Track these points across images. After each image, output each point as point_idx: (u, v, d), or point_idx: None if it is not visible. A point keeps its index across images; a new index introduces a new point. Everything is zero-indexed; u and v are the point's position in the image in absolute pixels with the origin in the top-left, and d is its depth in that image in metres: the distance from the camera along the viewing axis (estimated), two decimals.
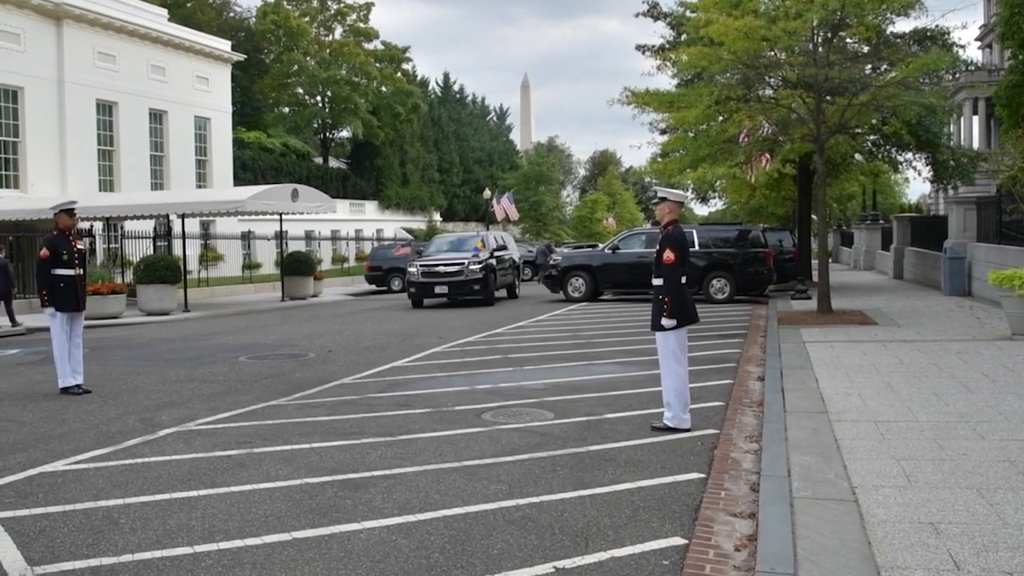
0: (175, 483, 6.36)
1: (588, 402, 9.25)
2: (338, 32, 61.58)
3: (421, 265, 24.25)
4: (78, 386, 10.55)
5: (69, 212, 10.88)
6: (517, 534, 5.16)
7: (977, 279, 20.06)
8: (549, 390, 10.08)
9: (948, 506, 5.16)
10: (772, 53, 17.44)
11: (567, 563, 4.70)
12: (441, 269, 23.83)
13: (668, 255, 7.73)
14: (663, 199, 8.06)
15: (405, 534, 5.18)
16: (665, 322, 7.72)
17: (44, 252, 10.69)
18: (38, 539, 5.21)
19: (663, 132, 26.03)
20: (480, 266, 23.80)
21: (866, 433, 7.04)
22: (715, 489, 5.97)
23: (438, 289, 23.58)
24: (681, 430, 7.67)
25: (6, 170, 29.47)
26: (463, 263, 23.84)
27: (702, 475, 6.33)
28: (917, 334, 13.57)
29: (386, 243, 44.04)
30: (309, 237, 43.42)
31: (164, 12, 39.34)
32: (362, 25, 61.57)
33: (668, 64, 22.35)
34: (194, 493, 6.09)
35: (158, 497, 6.01)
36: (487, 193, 57.32)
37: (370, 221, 56.68)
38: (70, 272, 10.73)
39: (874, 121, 19.85)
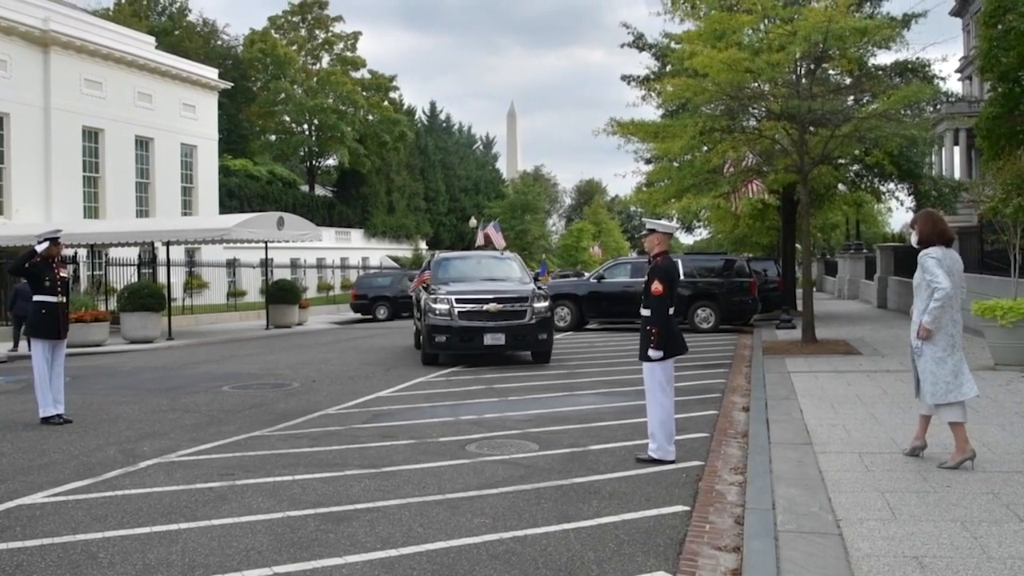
0: (156, 516, 6.28)
1: (572, 433, 9.23)
2: (325, 61, 61.95)
3: (458, 299, 15.64)
4: (59, 416, 10.44)
5: (54, 241, 10.82)
6: (501, 568, 5.12)
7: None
8: (533, 421, 10.05)
9: (932, 539, 5.16)
10: (756, 84, 17.61)
11: None
12: (493, 307, 15.48)
13: (656, 286, 7.75)
14: (652, 231, 8.10)
15: (388, 568, 5.14)
16: (652, 353, 7.73)
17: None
18: (15, 574, 5.13)
19: (648, 162, 26.16)
20: (547, 304, 16.20)
21: (851, 465, 7.04)
22: (700, 522, 5.94)
23: (490, 339, 15.37)
24: (666, 462, 7.65)
25: None
26: (526, 296, 15.78)
27: (687, 508, 6.30)
28: (901, 364, 13.61)
29: (372, 271, 44.05)
30: (295, 265, 43.35)
31: (151, 40, 39.50)
32: (349, 54, 61.99)
33: (653, 95, 22.50)
34: (175, 526, 6.02)
35: (138, 530, 5.93)
36: (473, 221, 57.45)
37: (356, 249, 56.66)
38: (52, 299, 10.66)
39: (857, 152, 20.04)
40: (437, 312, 15.54)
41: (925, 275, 6.94)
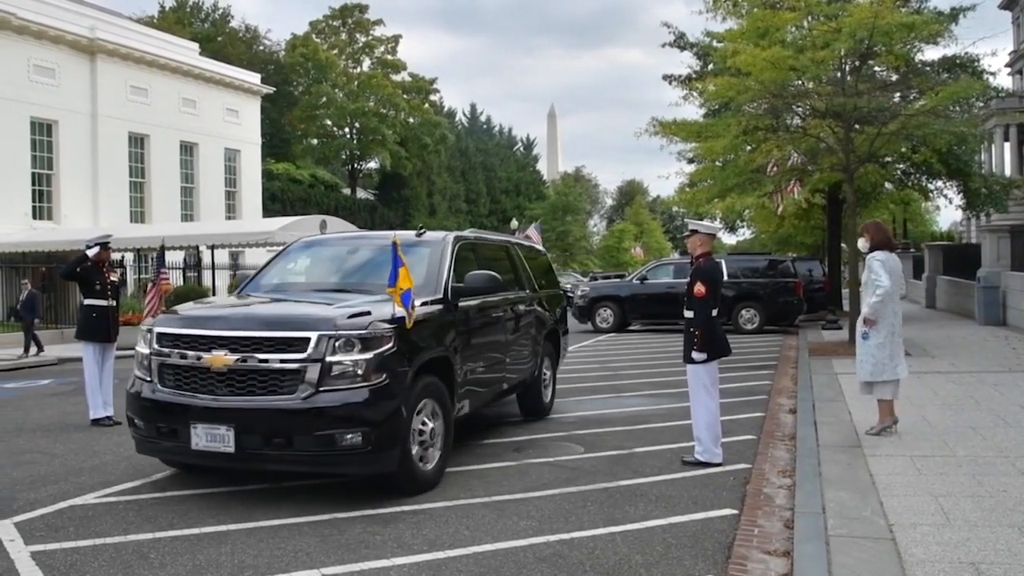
0: (204, 517, 6.34)
1: (618, 435, 9.17)
2: (366, 64, 62.28)
3: (161, 334, 6.96)
4: (108, 418, 10.60)
5: (104, 246, 10.99)
6: (547, 571, 5.09)
7: (1012, 309, 19.76)
8: (578, 423, 10.01)
9: (989, 545, 5.04)
10: (800, 82, 17.39)
11: None
12: (219, 358, 6.48)
13: (699, 288, 7.67)
14: (694, 231, 8.03)
15: (434, 571, 5.14)
16: (696, 355, 7.65)
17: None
18: (68, 574, 5.21)
19: (690, 161, 25.98)
20: (374, 355, 6.42)
21: (902, 468, 6.91)
22: (748, 526, 5.87)
23: (203, 435, 6.42)
24: (712, 464, 7.57)
25: (40, 202, 29.93)
26: (305, 338, 6.38)
27: (735, 511, 6.23)
28: (951, 365, 13.36)
29: None
30: None
31: (195, 46, 40.03)
32: (390, 57, 62.27)
33: (695, 94, 22.33)
34: (223, 527, 6.07)
35: (187, 531, 5.99)
36: (514, 223, 57.46)
37: None
38: (103, 303, 10.83)
39: (904, 150, 19.69)
40: (138, 365, 7.26)
41: (871, 275, 8.25)
